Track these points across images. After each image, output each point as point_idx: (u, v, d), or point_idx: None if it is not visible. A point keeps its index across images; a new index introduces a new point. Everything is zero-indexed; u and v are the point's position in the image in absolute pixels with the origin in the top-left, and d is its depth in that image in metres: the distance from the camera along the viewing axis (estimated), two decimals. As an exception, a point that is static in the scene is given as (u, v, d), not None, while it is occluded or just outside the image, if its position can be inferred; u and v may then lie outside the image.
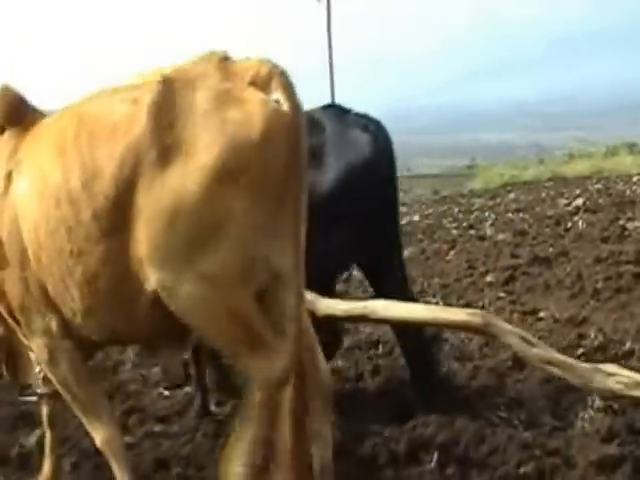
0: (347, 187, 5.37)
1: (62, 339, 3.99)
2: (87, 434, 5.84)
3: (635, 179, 21.15)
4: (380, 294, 5.48)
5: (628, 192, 18.03)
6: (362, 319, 5.06)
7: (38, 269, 3.83)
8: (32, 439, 5.81)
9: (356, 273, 9.48)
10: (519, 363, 6.58)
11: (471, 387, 6.15)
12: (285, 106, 3.34)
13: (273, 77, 3.37)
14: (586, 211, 15.30)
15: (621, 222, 13.32)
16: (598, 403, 5.47)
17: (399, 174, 5.95)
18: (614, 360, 6.37)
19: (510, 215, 16.23)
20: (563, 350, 6.61)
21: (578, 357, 6.50)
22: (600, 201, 16.75)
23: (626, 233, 12.26)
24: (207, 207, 3.27)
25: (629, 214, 14.25)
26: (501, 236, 13.44)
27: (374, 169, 5.51)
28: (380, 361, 6.83)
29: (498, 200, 20.09)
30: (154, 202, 3.32)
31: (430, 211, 19.43)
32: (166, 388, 6.99)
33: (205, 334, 3.59)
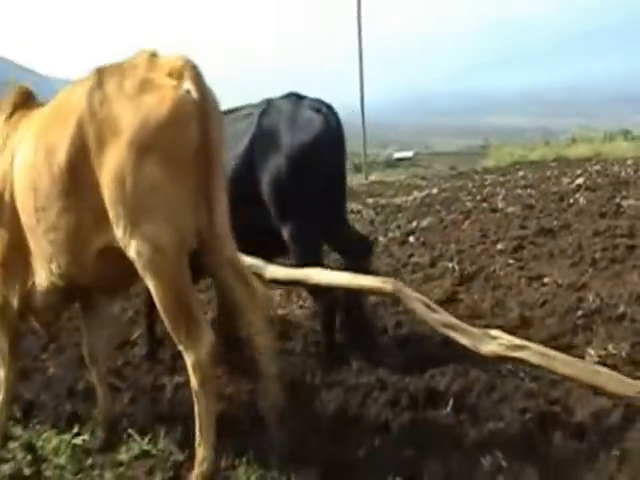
0: (302, 161, 5.52)
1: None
2: (145, 373, 5.97)
3: (629, 162, 21.02)
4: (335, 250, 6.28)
5: (623, 173, 17.90)
6: (300, 284, 5.45)
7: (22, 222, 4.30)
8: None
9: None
10: (526, 321, 6.60)
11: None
12: (194, 93, 3.65)
13: (185, 70, 3.70)
14: (586, 189, 15.20)
15: (617, 200, 13.22)
16: (595, 359, 5.46)
17: (420, 151, 6.11)
18: (609, 321, 6.40)
19: (519, 191, 16.13)
20: (565, 312, 6.64)
21: (578, 318, 6.51)
22: (599, 181, 16.64)
23: (621, 210, 12.18)
24: (133, 177, 3.61)
25: (624, 193, 14.15)
26: (511, 209, 13.37)
27: (326, 145, 5.63)
28: (402, 317, 6.82)
29: (508, 177, 19.98)
30: (98, 172, 3.73)
31: (447, 185, 19.35)
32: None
33: (154, 294, 3.82)
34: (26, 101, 4.71)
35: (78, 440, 4.82)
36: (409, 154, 34.06)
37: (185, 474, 4.27)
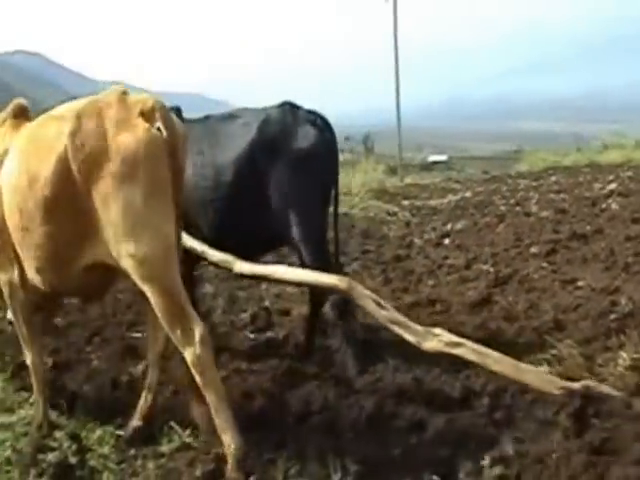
0: (298, 170, 5.74)
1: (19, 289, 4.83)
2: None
3: (661, 168, 20.83)
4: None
5: (655, 180, 17.75)
6: (266, 279, 5.72)
7: (9, 236, 4.64)
8: (139, 368, 5.93)
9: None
10: (559, 324, 6.53)
11: (517, 344, 6.10)
12: (164, 132, 4.11)
13: (156, 110, 4.14)
14: (619, 195, 15.07)
15: (650, 205, 13.11)
16: (628, 362, 5.39)
17: (453, 155, 6.13)
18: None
19: (552, 195, 16.03)
20: (598, 315, 6.57)
21: (611, 321, 6.42)
22: (631, 186, 16.49)
23: (653, 216, 12.06)
24: (120, 204, 4.04)
25: (656, 198, 14.04)
26: (544, 213, 13.29)
27: (320, 156, 5.84)
28: (438, 317, 6.79)
29: (541, 182, 19.85)
30: (87, 200, 4.13)
31: (481, 189, 19.26)
32: (251, 332, 7.05)
33: (150, 300, 4.19)
34: (20, 116, 5.09)
35: (121, 431, 4.84)
36: (443, 157, 34.06)
37: (225, 467, 4.29)
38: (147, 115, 4.13)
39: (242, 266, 5.56)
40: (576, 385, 4.30)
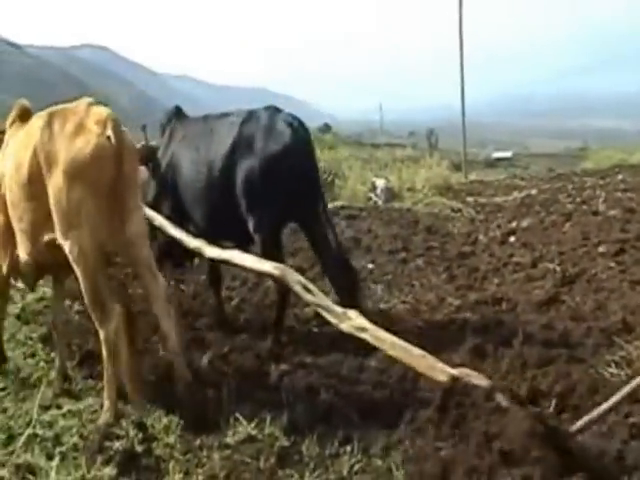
0: (273, 166, 6.26)
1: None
2: (252, 358, 5.99)
3: None
4: (311, 242, 6.85)
5: None
6: (227, 263, 6.19)
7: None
8: (205, 359, 5.98)
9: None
10: (628, 326, 6.41)
11: (586, 345, 6.01)
12: (112, 139, 4.77)
13: (108, 120, 4.84)
14: (687, 193, 14.76)
15: None
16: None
17: (517, 152, 6.07)
18: None
19: (619, 194, 15.69)
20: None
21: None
22: (701, 184, 16.14)
23: None
24: (67, 196, 4.76)
25: None
26: (612, 212, 13.01)
27: (294, 153, 6.33)
28: (504, 316, 6.73)
29: (608, 180, 19.45)
30: (46, 188, 4.86)
31: (546, 186, 18.96)
32: (316, 326, 7.05)
33: (79, 280, 4.88)
34: (23, 115, 5.69)
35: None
36: (508, 154, 33.71)
37: (289, 460, 4.30)
38: (101, 124, 4.84)
39: (211, 251, 6.25)
40: (454, 372, 4.41)
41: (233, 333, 6.79)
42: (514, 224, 12.62)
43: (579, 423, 4.02)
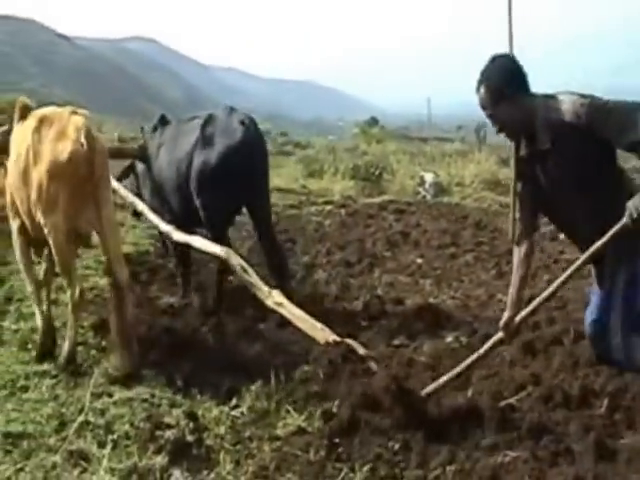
0: (226, 160, 7.10)
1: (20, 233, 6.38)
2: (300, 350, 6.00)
3: None
4: (255, 226, 7.72)
5: None
6: (188, 246, 7.38)
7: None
8: (254, 349, 6.10)
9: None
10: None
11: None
12: (85, 145, 5.57)
13: (83, 127, 5.65)
14: None
15: None
16: None
17: None
18: None
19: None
20: None
21: None
22: None
23: None
24: (47, 190, 5.64)
25: None
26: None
27: (245, 148, 7.14)
28: (555, 313, 6.67)
29: (675, 178, 19.18)
30: (33, 180, 5.75)
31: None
32: (364, 319, 7.05)
33: (54, 256, 5.89)
34: (25, 112, 6.34)
35: (237, 412, 4.92)
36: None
37: (340, 454, 4.30)
38: (77, 132, 5.64)
39: (177, 235, 7.35)
40: (338, 340, 5.56)
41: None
42: (564, 220, 12.47)
43: (428, 388, 4.81)
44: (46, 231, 5.74)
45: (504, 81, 4.62)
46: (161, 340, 6.31)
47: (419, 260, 9.51)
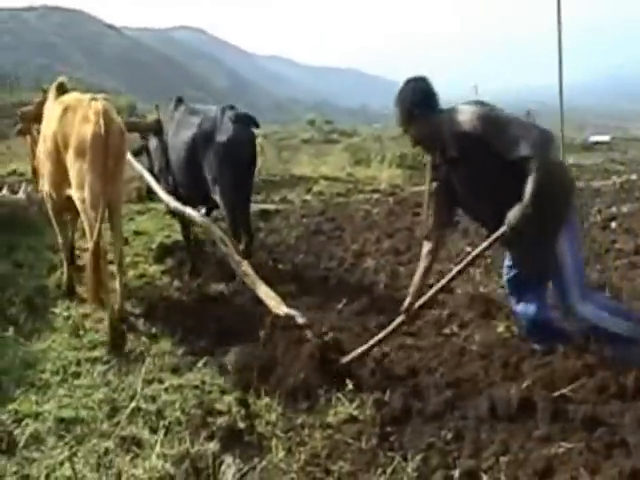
0: (224, 152, 7.98)
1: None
2: (355, 338, 5.97)
3: None
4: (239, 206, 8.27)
5: None
6: (182, 215, 8.35)
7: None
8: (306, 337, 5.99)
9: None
10: None
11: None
12: (103, 127, 6.36)
13: (103, 111, 6.50)
14: None
15: None
16: None
17: (615, 136, 5.89)
18: None
19: None
20: None
21: None
22: None
23: None
24: (74, 167, 6.55)
25: None
26: None
27: (238, 143, 8.02)
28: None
29: None
30: (65, 160, 6.69)
31: (647, 172, 18.47)
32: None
33: (83, 221, 6.66)
34: (60, 90, 7.41)
35: (287, 400, 4.91)
36: (606, 138, 32.86)
37: (391, 442, 4.28)
38: (97, 116, 6.45)
39: (174, 205, 8.33)
40: (287, 310, 6.07)
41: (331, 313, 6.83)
42: (614, 209, 12.30)
43: (346, 357, 5.32)
44: (77, 202, 6.62)
45: (413, 103, 5.12)
46: (210, 327, 6.35)
47: (468, 248, 9.40)
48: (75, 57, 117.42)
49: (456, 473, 3.92)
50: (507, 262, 5.64)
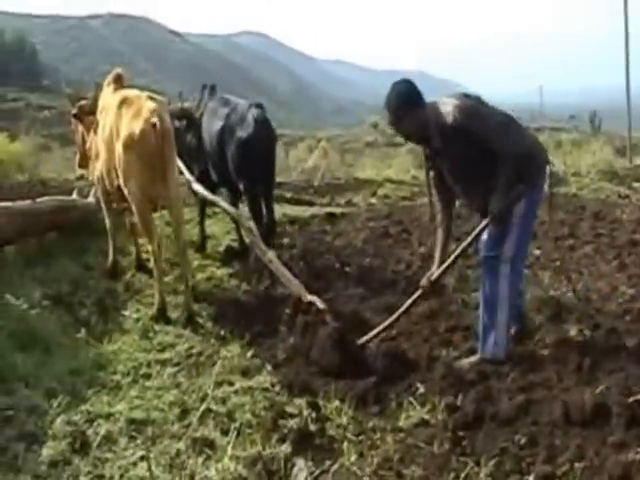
0: (244, 145, 8.54)
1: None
2: (421, 342, 5.93)
3: None
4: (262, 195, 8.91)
5: None
6: (207, 200, 9.13)
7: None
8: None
9: None
10: None
11: None
12: (157, 125, 6.64)
13: (157, 110, 6.79)
14: None
15: None
16: None
17: None
18: None
19: None
20: None
21: None
22: None
23: None
24: (125, 160, 6.88)
25: None
26: None
27: (257, 137, 8.52)
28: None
29: None
30: (114, 151, 7.08)
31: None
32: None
33: (134, 212, 7.22)
34: (118, 81, 7.86)
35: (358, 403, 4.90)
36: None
37: (464, 448, 4.24)
38: (150, 114, 6.72)
39: (196, 187, 8.89)
40: (309, 296, 6.53)
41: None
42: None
43: (363, 338, 5.83)
44: (126, 194, 7.09)
45: (400, 104, 5.56)
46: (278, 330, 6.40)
47: (537, 252, 9.29)
48: (140, 63, 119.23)
49: (530, 478, 3.88)
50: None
